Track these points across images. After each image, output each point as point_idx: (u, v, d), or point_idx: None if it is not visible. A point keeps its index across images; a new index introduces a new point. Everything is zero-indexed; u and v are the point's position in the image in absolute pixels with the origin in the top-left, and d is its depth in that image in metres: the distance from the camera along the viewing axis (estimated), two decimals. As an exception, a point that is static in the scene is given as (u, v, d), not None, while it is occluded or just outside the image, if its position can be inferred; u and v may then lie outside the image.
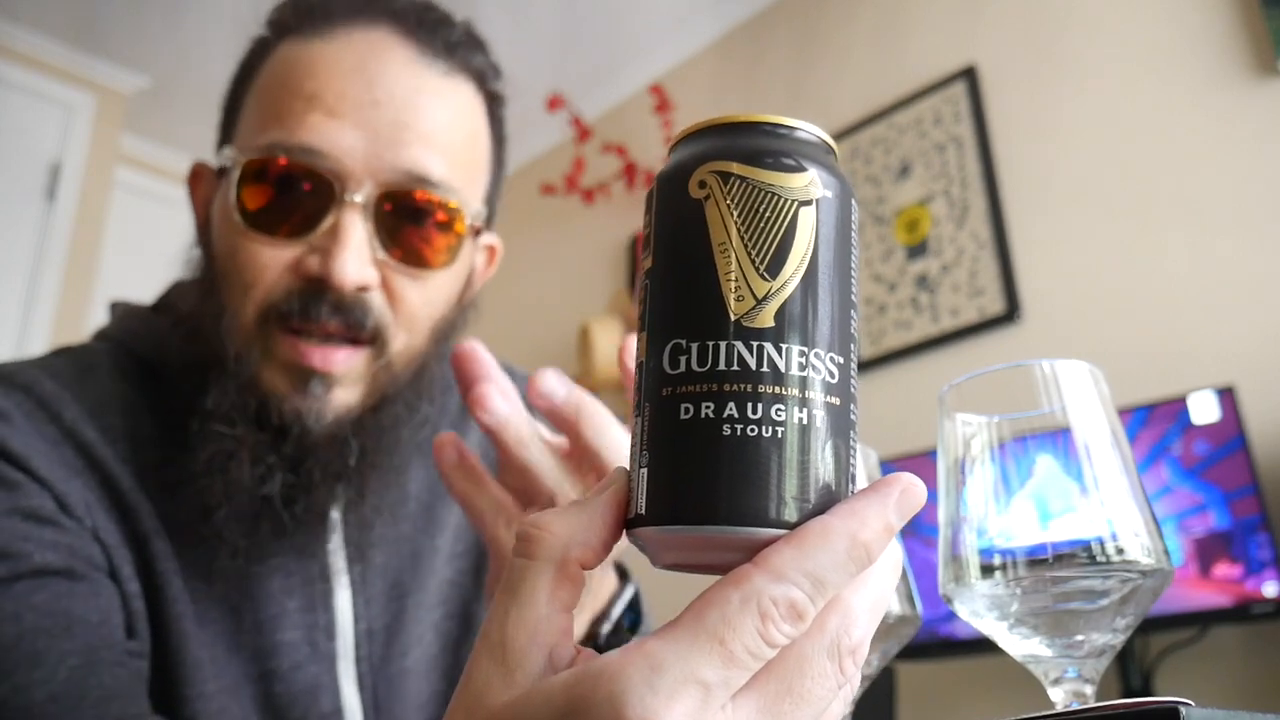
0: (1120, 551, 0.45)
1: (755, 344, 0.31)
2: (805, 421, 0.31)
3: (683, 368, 0.31)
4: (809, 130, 0.34)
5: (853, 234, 0.34)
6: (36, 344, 2.63)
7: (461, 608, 0.81)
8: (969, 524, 0.48)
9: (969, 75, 2.28)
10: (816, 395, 0.31)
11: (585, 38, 2.99)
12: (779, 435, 0.30)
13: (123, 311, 0.80)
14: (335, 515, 0.74)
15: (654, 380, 0.32)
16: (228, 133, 0.75)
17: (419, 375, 0.74)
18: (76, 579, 0.63)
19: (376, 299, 0.69)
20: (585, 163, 2.95)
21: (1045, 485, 0.47)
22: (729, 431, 0.30)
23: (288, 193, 0.68)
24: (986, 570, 0.46)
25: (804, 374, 0.31)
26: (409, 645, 0.76)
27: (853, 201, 0.34)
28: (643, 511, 0.31)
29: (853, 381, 0.32)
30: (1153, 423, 1.63)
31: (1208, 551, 1.54)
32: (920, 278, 2.28)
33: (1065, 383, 0.48)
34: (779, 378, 0.31)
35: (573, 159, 2.98)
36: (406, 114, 0.69)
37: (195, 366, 0.70)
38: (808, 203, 0.32)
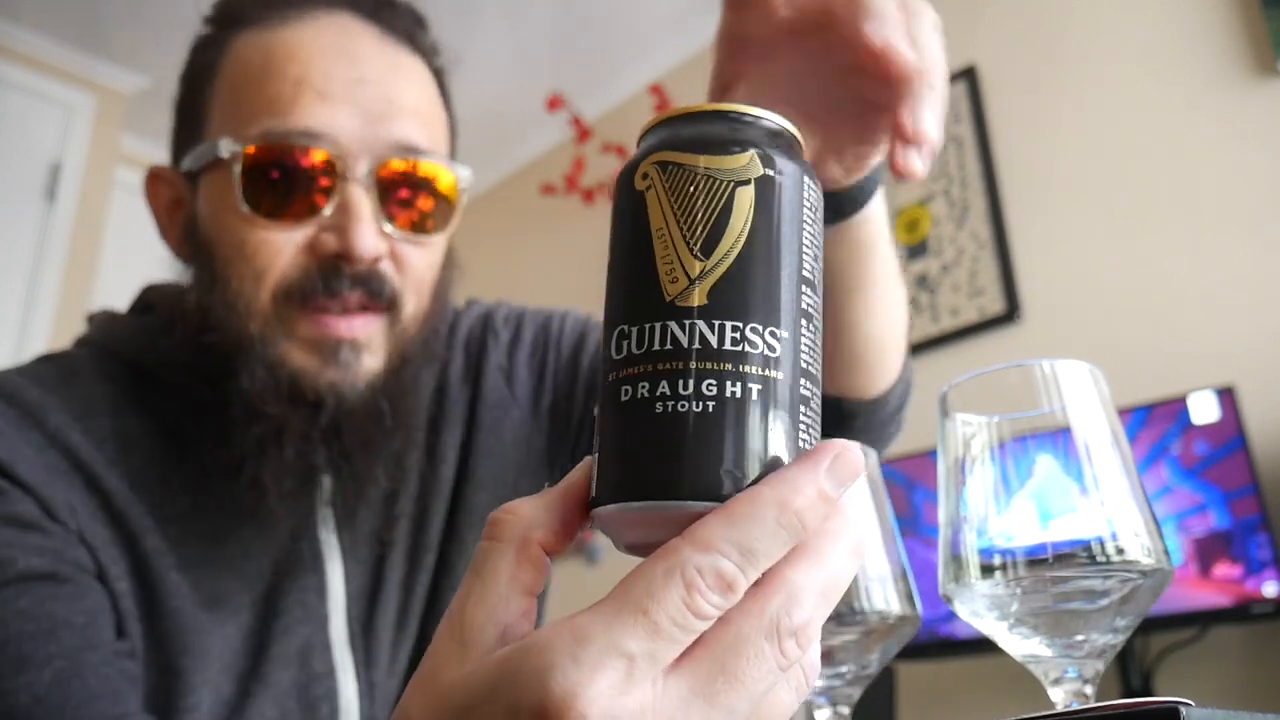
0: (1120, 551, 0.45)
1: (687, 322, 0.31)
2: (739, 395, 0.30)
3: (624, 352, 0.32)
4: (753, 114, 0.34)
5: (806, 211, 0.33)
6: (36, 344, 2.63)
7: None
8: (969, 524, 0.48)
9: (969, 75, 2.28)
10: (752, 369, 0.31)
11: (585, 38, 2.99)
12: (710, 409, 0.30)
13: (103, 317, 0.81)
14: (325, 481, 0.75)
15: (604, 367, 0.33)
16: (195, 131, 0.75)
17: (428, 337, 0.76)
18: (62, 583, 0.64)
19: (388, 268, 0.72)
20: (585, 163, 2.96)
21: (1045, 485, 0.47)
22: (661, 409, 0.30)
23: (291, 177, 0.69)
24: (986, 570, 0.46)
25: (738, 348, 0.31)
26: (391, 600, 0.78)
27: (806, 180, 0.34)
28: (594, 494, 0.32)
29: (803, 357, 0.32)
30: (1153, 423, 1.63)
31: (1208, 551, 1.54)
32: (920, 278, 2.28)
33: (1065, 383, 0.48)
34: (710, 353, 0.31)
35: (573, 159, 2.98)
36: (389, 89, 0.72)
37: (200, 362, 0.71)
38: (745, 182, 0.32)
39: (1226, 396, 1.59)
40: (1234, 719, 0.37)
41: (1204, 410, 1.60)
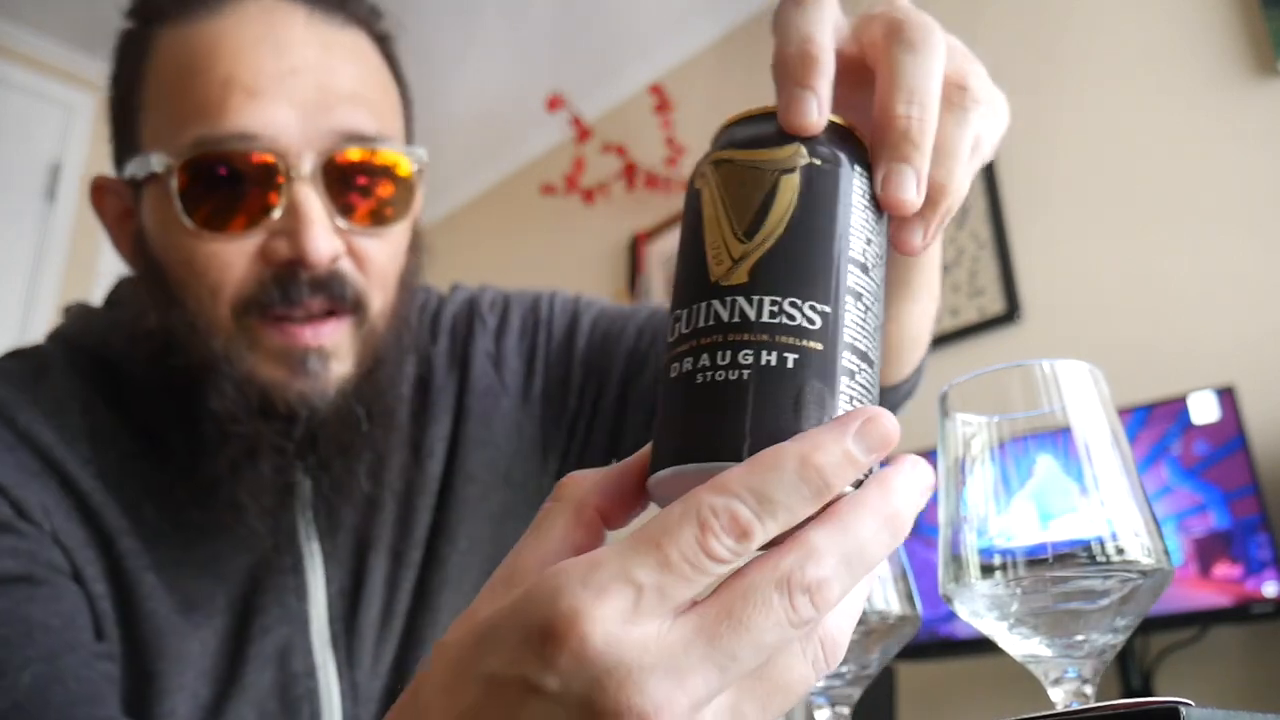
0: (1120, 551, 0.45)
1: (729, 299, 0.32)
2: (775, 363, 0.31)
3: (676, 334, 0.33)
4: None
5: (857, 198, 0.34)
6: (36, 344, 2.63)
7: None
8: (969, 524, 0.48)
9: (969, 75, 2.28)
10: (789, 339, 0.32)
11: (585, 38, 2.99)
12: (744, 377, 0.31)
13: (76, 311, 0.79)
14: (305, 481, 0.73)
15: (663, 353, 0.34)
16: (131, 139, 0.71)
17: (399, 330, 0.74)
18: (37, 584, 0.62)
19: (347, 266, 0.68)
20: (585, 163, 2.95)
21: (1045, 485, 0.47)
22: (702, 380, 0.32)
23: (232, 185, 0.65)
24: (986, 570, 0.46)
25: (775, 320, 0.32)
26: (374, 598, 0.76)
27: (858, 169, 0.35)
28: (650, 468, 0.34)
29: (848, 332, 0.33)
30: (1153, 423, 1.63)
31: (1207, 551, 1.54)
32: (920, 278, 2.28)
33: (1065, 383, 0.48)
34: (748, 325, 0.32)
35: (573, 159, 2.98)
36: (324, 76, 0.67)
37: (171, 383, 0.69)
38: (790, 170, 0.34)
39: (1226, 396, 1.59)
40: (1234, 719, 0.37)
41: (1204, 410, 1.60)
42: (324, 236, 0.66)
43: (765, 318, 0.32)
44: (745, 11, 2.83)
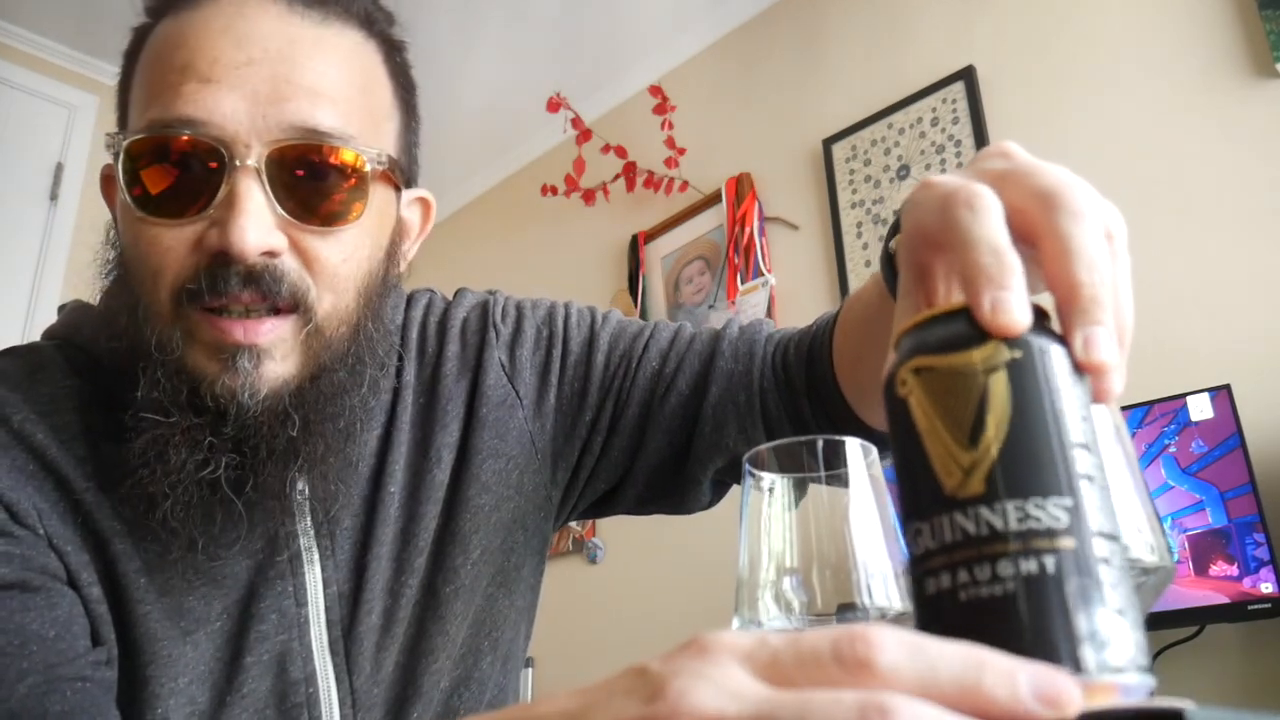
0: (1124, 549, 0.45)
1: (971, 511, 0.32)
2: (1035, 570, 0.31)
3: (922, 547, 0.34)
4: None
5: (1059, 378, 0.35)
6: (38, 344, 2.63)
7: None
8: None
9: (967, 76, 2.29)
10: (1043, 542, 0.32)
11: (585, 38, 3.00)
12: (1010, 590, 0.31)
13: (71, 308, 0.78)
14: (300, 486, 0.72)
15: (909, 563, 0.35)
16: (121, 127, 0.71)
17: (355, 338, 0.70)
18: (31, 591, 0.61)
19: (289, 263, 0.65)
20: (585, 163, 2.96)
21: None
22: (964, 597, 0.32)
23: (176, 169, 0.64)
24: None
25: (1024, 526, 0.32)
26: (375, 603, 0.75)
27: (1054, 347, 0.35)
28: None
29: (1089, 519, 0.33)
30: (1150, 422, 1.64)
31: (1204, 550, 1.55)
32: (919, 278, 2.28)
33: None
34: (998, 535, 0.32)
35: (573, 159, 2.99)
36: (283, 68, 0.66)
37: (124, 361, 0.68)
38: (995, 369, 0.34)
39: (1223, 396, 1.60)
40: (1236, 719, 0.37)
41: (1201, 409, 1.61)
42: (253, 229, 0.63)
43: (1014, 525, 0.32)
44: (744, 13, 2.84)
